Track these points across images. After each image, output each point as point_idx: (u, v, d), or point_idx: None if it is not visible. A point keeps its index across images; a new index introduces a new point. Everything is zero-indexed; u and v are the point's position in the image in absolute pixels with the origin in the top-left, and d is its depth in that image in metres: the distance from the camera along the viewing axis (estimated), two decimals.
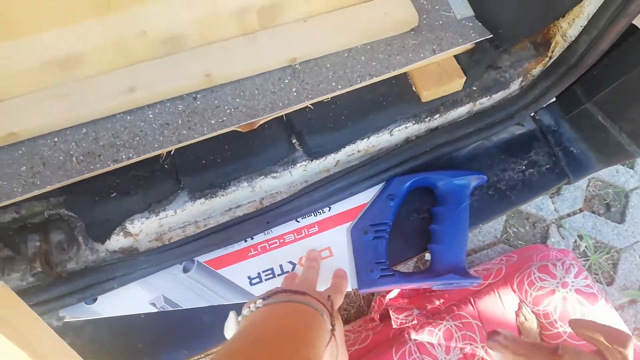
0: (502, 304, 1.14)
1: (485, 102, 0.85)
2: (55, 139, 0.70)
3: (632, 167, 1.65)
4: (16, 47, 0.61)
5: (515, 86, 0.84)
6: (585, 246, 1.55)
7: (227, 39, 0.74)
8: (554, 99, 0.87)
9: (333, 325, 0.54)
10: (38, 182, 0.68)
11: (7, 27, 0.58)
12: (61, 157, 0.69)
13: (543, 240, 1.56)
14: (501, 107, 0.84)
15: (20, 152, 0.69)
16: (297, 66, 0.76)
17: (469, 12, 0.81)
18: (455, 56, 0.81)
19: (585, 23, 0.68)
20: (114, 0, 0.60)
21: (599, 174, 1.63)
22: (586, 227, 1.57)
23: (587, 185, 1.63)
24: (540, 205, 1.58)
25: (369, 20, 0.77)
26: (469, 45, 0.79)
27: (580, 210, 1.59)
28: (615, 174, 1.64)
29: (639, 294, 1.51)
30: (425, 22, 0.80)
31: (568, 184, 0.87)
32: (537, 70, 0.82)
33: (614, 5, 0.63)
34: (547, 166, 0.87)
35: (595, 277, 1.52)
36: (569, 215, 1.58)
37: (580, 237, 1.56)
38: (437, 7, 0.82)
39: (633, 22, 0.66)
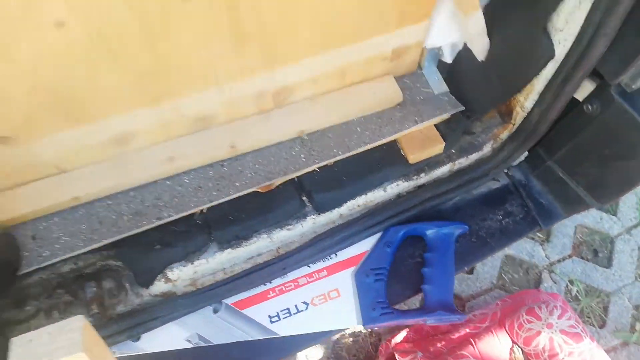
0: (500, 344, 1.25)
1: (463, 162, 1.00)
2: (109, 202, 0.86)
3: (615, 214, 1.79)
4: (85, 130, 0.78)
5: (487, 148, 1.00)
6: (577, 290, 1.66)
7: (248, 116, 0.91)
8: (522, 158, 1.02)
9: None
10: (96, 238, 0.83)
11: (81, 113, 0.75)
12: (114, 217, 0.85)
13: (537, 285, 1.67)
14: (477, 166, 1.00)
15: (81, 213, 0.85)
16: (305, 137, 0.93)
17: (445, 88, 0.99)
18: (435, 125, 0.98)
19: (537, 97, 0.85)
20: (164, 94, 0.77)
21: (584, 221, 1.77)
22: (576, 272, 1.68)
23: (574, 233, 1.76)
24: (532, 252, 1.71)
25: (362, 98, 0.95)
26: (445, 116, 0.96)
27: (570, 256, 1.71)
28: (599, 221, 1.77)
29: (630, 335, 1.60)
30: (408, 97, 0.97)
31: (540, 230, 1.01)
32: (504, 135, 0.98)
33: (555, 84, 0.80)
34: (520, 216, 1.02)
35: (587, 320, 1.62)
36: (559, 261, 1.70)
37: (571, 282, 1.67)
38: (417, 85, 0.99)
39: (574, 96, 0.83)
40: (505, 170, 1.05)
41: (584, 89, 0.81)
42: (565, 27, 0.74)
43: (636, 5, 0.63)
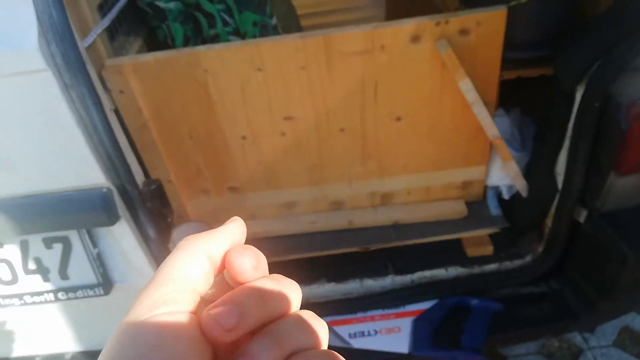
0: None
1: (508, 265, 1.41)
2: (272, 240, 1.45)
3: None
4: (274, 194, 1.40)
5: (528, 258, 1.40)
6: None
7: (363, 207, 1.47)
8: (554, 266, 1.39)
9: None
10: None
11: (275, 183, 1.38)
12: (272, 248, 1.42)
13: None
14: (520, 271, 1.39)
15: (255, 243, 1.44)
16: (397, 225, 1.45)
17: (500, 213, 1.45)
18: (489, 234, 1.43)
19: (552, 221, 1.28)
20: (319, 181, 1.38)
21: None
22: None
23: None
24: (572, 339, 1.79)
25: (439, 208, 1.46)
26: (496, 229, 1.41)
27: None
28: None
29: None
30: (472, 214, 1.45)
31: (573, 330, 1.32)
32: (540, 249, 1.38)
33: (560, 211, 1.23)
34: (553, 311, 1.35)
35: None
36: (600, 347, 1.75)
37: None
38: (481, 208, 1.47)
39: (575, 218, 1.24)
40: (542, 276, 1.41)
41: (582, 214, 1.22)
42: (561, 172, 1.21)
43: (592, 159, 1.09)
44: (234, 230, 0.33)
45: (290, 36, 1.10)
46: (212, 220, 1.46)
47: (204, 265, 0.30)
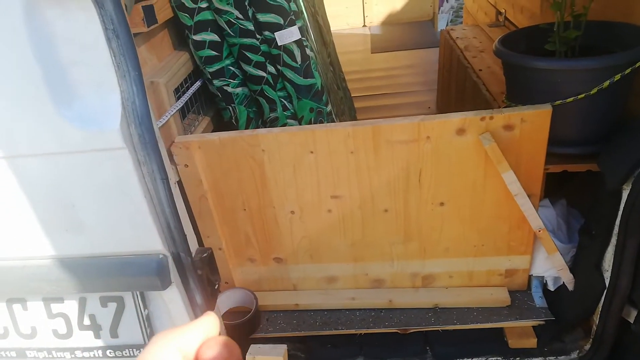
0: None
1: None
2: (311, 313, 1.47)
3: None
4: (316, 267, 1.45)
5: (574, 355, 1.34)
6: None
7: (404, 287, 1.48)
8: None
9: None
10: (298, 330, 1.42)
11: (318, 257, 1.43)
12: (312, 321, 1.45)
13: None
14: None
15: (296, 314, 1.47)
16: (437, 309, 1.44)
17: (544, 304, 1.42)
18: (533, 326, 1.39)
19: (599, 318, 1.24)
20: (360, 258, 1.42)
21: None
22: None
23: None
24: None
25: (481, 295, 1.44)
26: (540, 322, 1.37)
27: None
28: None
29: None
30: (515, 304, 1.43)
31: None
32: (587, 346, 1.32)
33: (606, 309, 1.20)
34: None
35: None
36: None
37: None
38: (525, 298, 1.45)
39: (624, 317, 1.20)
40: None
41: (632, 314, 1.18)
42: (609, 268, 1.18)
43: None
44: (207, 324, 0.34)
45: (342, 124, 1.19)
46: (255, 288, 1.51)
47: (175, 359, 0.31)
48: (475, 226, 1.34)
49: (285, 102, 1.41)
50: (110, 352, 1.11)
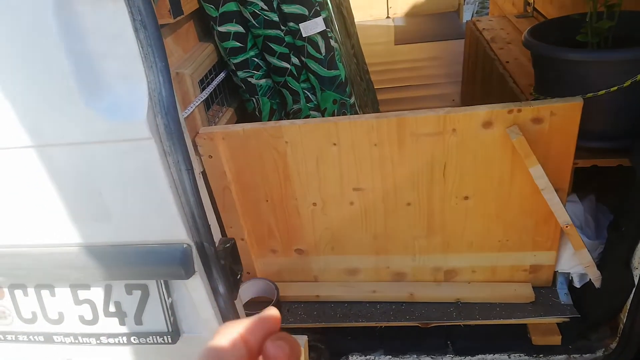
0: None
1: (578, 358, 1.33)
2: (332, 305, 1.47)
3: None
4: (338, 259, 1.45)
5: (599, 353, 1.32)
6: None
7: (425, 281, 1.47)
8: None
9: None
10: (319, 320, 1.43)
11: (339, 249, 1.43)
12: (332, 313, 1.45)
13: None
14: None
15: (316, 305, 1.48)
16: (459, 303, 1.43)
17: (569, 301, 1.39)
18: (557, 324, 1.37)
19: (626, 316, 1.21)
20: (383, 250, 1.41)
21: None
22: None
23: None
24: None
25: (505, 290, 1.42)
26: (565, 319, 1.35)
27: None
28: None
29: None
30: (540, 300, 1.40)
31: None
32: (613, 345, 1.30)
33: (634, 306, 1.17)
34: None
35: None
36: None
37: None
38: (549, 295, 1.42)
39: None
40: None
41: None
42: (639, 266, 1.15)
43: None
44: (271, 319, 0.35)
45: (366, 116, 1.18)
46: (276, 279, 1.52)
47: (240, 351, 0.33)
48: (500, 221, 1.32)
49: (308, 93, 1.41)
50: (134, 339, 1.13)
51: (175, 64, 1.24)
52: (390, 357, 1.38)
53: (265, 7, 1.30)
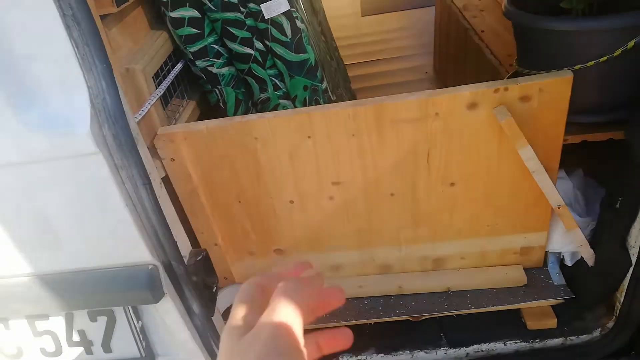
0: None
1: (574, 339, 1.29)
2: None
3: None
4: (319, 256, 1.36)
5: (596, 333, 1.28)
6: None
7: (413, 271, 1.40)
8: (627, 345, 1.26)
9: None
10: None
11: (320, 246, 1.34)
12: None
13: None
14: (587, 346, 1.27)
15: None
16: (450, 292, 1.37)
17: (562, 281, 1.34)
18: (552, 306, 1.32)
19: (624, 294, 1.17)
20: (367, 244, 1.33)
21: None
22: None
23: None
24: None
25: (496, 275, 1.36)
26: (559, 300, 1.30)
27: None
28: None
29: None
30: (532, 282, 1.35)
31: None
32: (610, 324, 1.26)
33: (633, 285, 1.12)
34: None
35: None
36: None
37: None
38: (541, 276, 1.37)
39: None
40: (615, 355, 1.28)
41: None
42: (635, 244, 1.10)
43: None
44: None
45: (341, 104, 1.08)
46: None
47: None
48: (489, 205, 1.25)
49: (276, 80, 1.29)
50: None
51: (124, 58, 1.10)
52: (383, 355, 1.31)
53: None
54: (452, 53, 2.22)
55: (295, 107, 1.32)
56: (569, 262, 1.37)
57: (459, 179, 1.20)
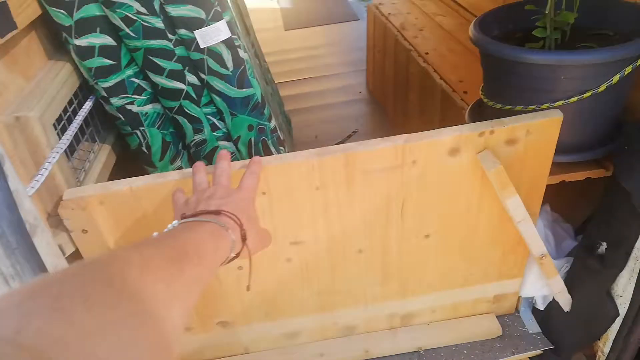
0: None
1: None
2: None
3: None
4: (273, 325, 1.15)
5: None
6: None
7: (380, 330, 1.23)
8: None
9: (244, 239, 0.65)
10: None
11: (275, 313, 1.13)
12: None
13: None
14: None
15: None
16: (421, 352, 1.21)
17: (537, 329, 1.24)
18: (530, 358, 1.21)
19: (611, 345, 1.08)
20: (329, 306, 1.14)
21: None
22: None
23: None
24: None
25: (469, 328, 1.23)
26: (538, 352, 1.19)
27: None
28: None
29: None
30: (507, 332, 1.23)
31: None
32: None
33: (621, 337, 1.03)
34: None
35: None
36: None
37: None
38: (515, 324, 1.26)
39: None
40: None
41: None
42: (624, 294, 1.01)
43: None
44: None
45: (304, 154, 0.88)
46: (198, 358, 1.18)
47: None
48: (464, 256, 1.11)
49: (214, 119, 1.06)
50: None
51: (13, 102, 0.82)
52: None
53: (142, 10, 0.91)
54: (391, 74, 2.10)
55: (238, 150, 1.10)
56: (540, 306, 1.27)
57: (434, 229, 1.05)
